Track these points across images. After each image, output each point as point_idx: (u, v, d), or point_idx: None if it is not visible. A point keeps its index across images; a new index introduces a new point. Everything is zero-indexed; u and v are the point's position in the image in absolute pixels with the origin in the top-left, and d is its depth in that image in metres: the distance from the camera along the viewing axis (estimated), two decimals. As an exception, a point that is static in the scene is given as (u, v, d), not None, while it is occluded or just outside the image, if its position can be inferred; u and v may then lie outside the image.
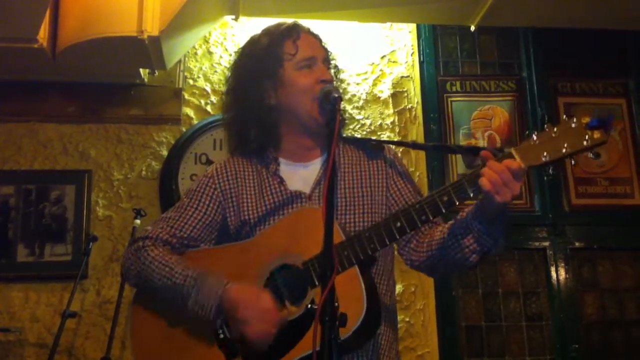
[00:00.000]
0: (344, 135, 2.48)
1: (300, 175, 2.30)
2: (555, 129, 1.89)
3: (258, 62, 2.33)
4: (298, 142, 2.34)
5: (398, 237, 2.04)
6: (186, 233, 2.27)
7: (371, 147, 2.42)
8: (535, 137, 1.90)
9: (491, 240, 2.05)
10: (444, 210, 2.00)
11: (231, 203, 2.29)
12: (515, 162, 1.90)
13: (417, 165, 4.56)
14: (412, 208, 2.02)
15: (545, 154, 1.88)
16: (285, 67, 2.28)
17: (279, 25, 2.38)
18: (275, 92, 2.29)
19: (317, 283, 2.01)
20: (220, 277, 2.10)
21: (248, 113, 2.33)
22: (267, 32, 2.38)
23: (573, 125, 1.87)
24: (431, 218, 2.01)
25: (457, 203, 1.99)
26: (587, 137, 1.86)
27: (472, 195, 1.97)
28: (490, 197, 1.91)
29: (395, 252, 2.41)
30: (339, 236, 2.02)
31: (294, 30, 2.33)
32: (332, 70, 2.38)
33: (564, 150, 1.87)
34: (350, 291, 1.94)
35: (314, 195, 2.24)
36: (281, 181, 2.28)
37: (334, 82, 2.34)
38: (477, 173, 1.94)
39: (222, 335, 2.09)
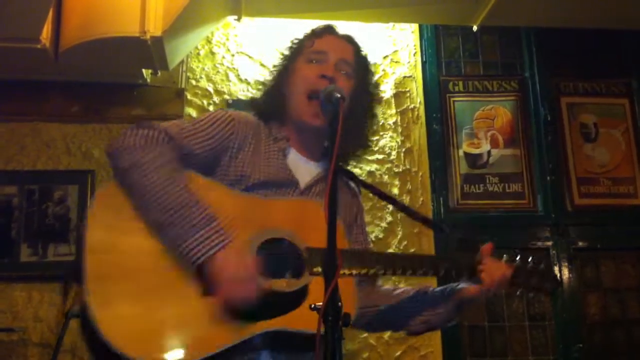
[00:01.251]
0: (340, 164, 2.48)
1: (300, 167, 2.30)
2: (529, 265, 2.38)
3: (288, 52, 2.43)
4: (299, 138, 2.34)
5: (399, 272, 2.20)
6: (194, 150, 2.15)
7: (350, 187, 2.51)
8: (518, 262, 2.36)
9: (447, 320, 2.33)
10: (440, 275, 2.26)
11: (237, 153, 2.23)
12: (509, 269, 2.28)
13: (419, 165, 4.56)
14: (416, 259, 2.29)
15: (521, 278, 2.36)
16: (299, 59, 2.35)
17: (317, 27, 2.46)
18: (287, 80, 2.35)
19: (313, 272, 2.02)
20: (223, 234, 1.96)
21: (272, 89, 2.40)
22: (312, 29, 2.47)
23: (541, 267, 2.41)
24: (428, 274, 2.22)
25: (453, 277, 2.26)
26: (547, 283, 2.42)
27: (465, 279, 2.28)
28: (484, 292, 2.23)
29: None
30: (344, 243, 2.12)
31: (322, 31, 2.40)
32: (347, 77, 2.33)
33: (532, 282, 2.39)
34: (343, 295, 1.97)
35: (305, 193, 2.26)
36: (285, 160, 2.28)
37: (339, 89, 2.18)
38: (476, 265, 2.26)
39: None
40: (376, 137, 4.54)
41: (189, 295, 1.95)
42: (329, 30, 2.41)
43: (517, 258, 2.34)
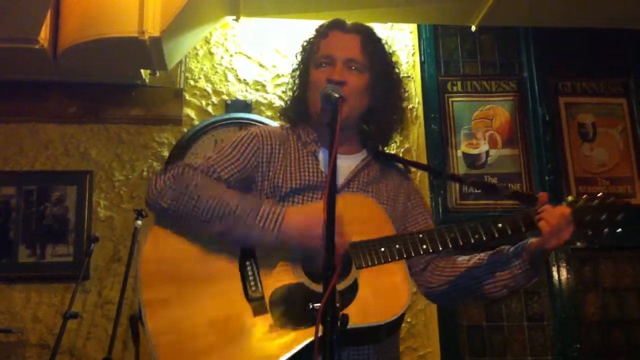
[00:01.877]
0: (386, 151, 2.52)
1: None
2: (596, 201, 2.20)
3: (303, 55, 2.45)
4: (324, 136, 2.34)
5: (450, 247, 2.14)
6: (223, 177, 2.22)
7: (403, 169, 2.52)
8: (581, 200, 2.19)
9: (526, 280, 2.20)
10: (496, 236, 2.14)
11: (268, 166, 2.29)
12: (568, 209, 2.13)
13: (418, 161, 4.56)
14: (467, 226, 2.14)
15: (588, 217, 2.17)
16: (311, 63, 2.37)
17: (324, 23, 2.46)
18: (306, 85, 2.38)
19: (358, 266, 2.05)
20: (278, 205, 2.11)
21: (296, 88, 2.44)
22: (319, 25, 2.47)
23: (610, 200, 2.21)
24: (484, 239, 2.13)
25: (510, 234, 2.15)
26: (620, 215, 2.23)
27: (524, 231, 2.16)
28: (546, 240, 2.11)
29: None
30: (390, 229, 2.14)
31: (327, 29, 2.40)
32: (359, 72, 2.33)
33: (602, 218, 2.19)
34: (395, 282, 2.05)
35: (344, 190, 2.26)
36: (317, 161, 2.30)
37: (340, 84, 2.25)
38: (532, 214, 2.14)
39: (254, 289, 2.04)
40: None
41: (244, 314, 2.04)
42: (334, 26, 2.41)
43: (582, 198, 2.19)
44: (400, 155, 4.54)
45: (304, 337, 1.96)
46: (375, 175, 2.36)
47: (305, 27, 4.61)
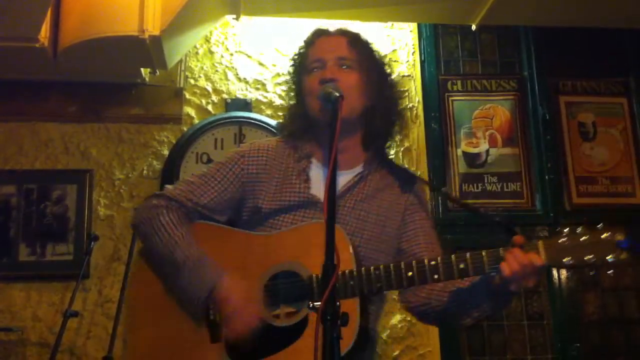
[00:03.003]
0: (390, 158, 2.50)
1: (324, 181, 2.24)
2: (585, 236, 1.98)
3: (292, 71, 2.46)
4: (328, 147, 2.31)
5: (405, 286, 2.09)
6: (203, 201, 2.29)
7: (405, 179, 2.43)
8: (565, 238, 1.99)
9: (491, 310, 2.15)
10: (455, 277, 2.05)
11: (253, 185, 2.31)
12: (539, 259, 1.97)
13: (418, 164, 4.56)
14: (428, 265, 2.05)
15: (569, 258, 1.97)
16: (302, 74, 2.37)
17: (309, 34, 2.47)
18: (302, 97, 2.37)
19: (315, 304, 1.98)
20: (219, 270, 2.14)
21: (294, 111, 2.43)
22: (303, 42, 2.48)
23: (604, 236, 1.98)
24: (442, 279, 2.05)
25: (470, 275, 2.06)
26: (613, 255, 1.95)
27: (486, 272, 2.03)
28: (505, 284, 1.99)
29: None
30: (350, 262, 2.06)
31: (313, 37, 2.42)
32: (350, 69, 2.32)
33: (586, 258, 1.95)
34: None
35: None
36: (306, 180, 2.29)
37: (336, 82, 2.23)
38: (499, 255, 2.01)
39: (212, 317, 2.12)
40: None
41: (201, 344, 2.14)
42: (318, 33, 2.42)
43: (564, 232, 1.99)
44: (400, 154, 4.55)
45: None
46: (369, 192, 2.32)
47: (306, 26, 4.64)
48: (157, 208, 2.25)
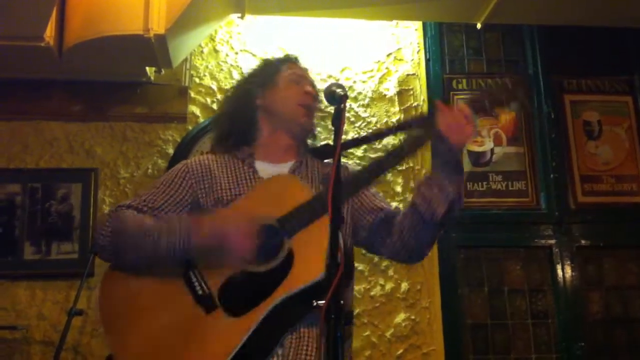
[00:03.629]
0: (311, 145, 2.63)
1: (272, 172, 2.39)
2: (494, 86, 2.29)
3: (256, 71, 2.61)
4: (275, 143, 2.47)
5: (362, 185, 2.30)
6: (157, 205, 2.33)
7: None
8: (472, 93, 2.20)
9: (452, 183, 2.22)
10: (404, 154, 2.29)
11: (203, 185, 2.37)
12: (463, 105, 2.22)
13: (422, 163, 4.56)
14: (373, 163, 2.29)
15: (487, 101, 2.27)
16: (281, 75, 2.51)
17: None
18: (264, 93, 2.50)
19: (288, 236, 2.12)
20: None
21: (234, 110, 2.55)
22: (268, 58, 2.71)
23: (501, 81, 2.32)
24: (391, 165, 2.28)
25: (416, 146, 2.28)
26: (520, 90, 2.29)
27: (425, 140, 2.27)
28: (448, 138, 2.19)
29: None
30: (308, 192, 2.22)
31: (295, 59, 2.60)
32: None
33: (503, 97, 2.28)
34: (319, 242, 2.02)
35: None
36: (255, 171, 2.39)
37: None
38: (429, 121, 2.25)
39: (200, 292, 2.13)
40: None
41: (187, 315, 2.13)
42: (298, 60, 2.61)
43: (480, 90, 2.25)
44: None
45: (258, 314, 2.04)
46: (309, 173, 2.45)
47: (310, 25, 4.65)
48: (115, 212, 2.31)
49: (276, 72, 2.52)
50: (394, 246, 2.37)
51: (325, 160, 2.56)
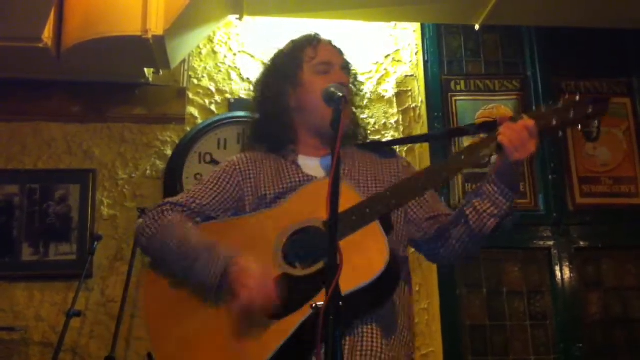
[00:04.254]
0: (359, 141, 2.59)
1: (315, 167, 2.40)
2: (560, 103, 2.14)
3: (281, 66, 2.52)
4: (312, 141, 2.46)
5: (418, 194, 2.24)
6: (205, 202, 2.36)
7: (384, 151, 2.57)
8: (544, 108, 2.15)
9: (506, 200, 2.20)
10: (463, 166, 2.21)
11: (250, 183, 2.39)
12: (530, 121, 2.10)
13: (421, 164, 4.55)
14: (434, 168, 2.29)
15: (554, 119, 2.12)
16: (305, 70, 2.44)
17: (302, 35, 2.56)
18: (295, 93, 2.45)
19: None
20: (230, 251, 2.15)
21: (270, 113, 2.49)
22: (291, 41, 2.57)
23: (576, 99, 2.16)
24: (451, 176, 2.27)
25: (476, 161, 2.18)
26: (589, 110, 2.14)
27: (489, 154, 2.15)
28: (509, 154, 2.10)
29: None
30: (357, 198, 2.17)
31: (315, 39, 2.50)
32: (351, 79, 2.53)
33: (570, 116, 2.12)
34: (371, 243, 2.06)
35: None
36: (298, 167, 2.39)
37: (351, 88, 2.49)
38: (493, 135, 2.14)
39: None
40: (378, 137, 4.55)
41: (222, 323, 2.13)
42: (317, 39, 2.52)
43: (545, 106, 2.17)
44: (403, 154, 4.55)
45: (298, 318, 2.02)
46: (355, 165, 2.44)
47: (309, 27, 4.64)
48: (162, 212, 2.33)
49: (299, 66, 2.45)
50: (441, 252, 2.40)
51: (374, 154, 2.54)
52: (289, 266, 2.14)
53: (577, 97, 2.17)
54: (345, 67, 2.50)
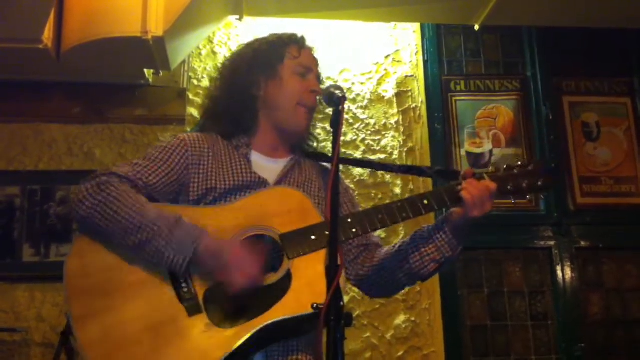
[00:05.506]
0: (311, 150, 2.58)
1: (267, 167, 2.35)
2: (517, 169, 2.32)
3: (259, 53, 2.45)
4: (270, 139, 2.42)
5: (378, 227, 2.21)
6: (151, 181, 2.20)
7: (326, 167, 2.55)
8: (502, 171, 2.32)
9: (451, 250, 2.27)
10: (423, 212, 2.23)
11: (199, 170, 2.28)
12: (492, 184, 2.23)
13: (421, 164, 4.55)
14: (394, 205, 2.22)
15: (510, 185, 2.30)
16: (285, 65, 2.41)
17: (288, 32, 2.53)
18: (266, 84, 2.40)
19: (290, 257, 2.06)
20: (199, 227, 2.05)
21: (233, 96, 2.42)
22: (276, 34, 2.52)
23: (531, 167, 2.32)
24: (411, 216, 2.21)
25: (436, 209, 2.28)
26: (541, 181, 2.32)
27: (449, 204, 2.25)
28: (468, 210, 2.19)
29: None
30: (318, 217, 2.16)
31: (301, 40, 2.49)
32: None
33: (523, 185, 2.30)
34: (313, 274, 2.00)
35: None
36: (249, 163, 2.33)
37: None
38: (456, 188, 2.23)
39: (185, 290, 2.01)
40: (378, 137, 4.55)
41: (178, 316, 2.00)
42: (303, 41, 2.50)
43: (503, 168, 2.33)
44: (403, 154, 4.55)
45: (244, 332, 1.95)
46: (307, 177, 2.41)
47: (308, 27, 4.64)
48: (108, 182, 2.12)
49: (280, 60, 2.41)
50: (364, 278, 2.39)
51: (322, 163, 2.54)
52: None
53: (531, 167, 2.32)
54: (319, 78, 2.49)
